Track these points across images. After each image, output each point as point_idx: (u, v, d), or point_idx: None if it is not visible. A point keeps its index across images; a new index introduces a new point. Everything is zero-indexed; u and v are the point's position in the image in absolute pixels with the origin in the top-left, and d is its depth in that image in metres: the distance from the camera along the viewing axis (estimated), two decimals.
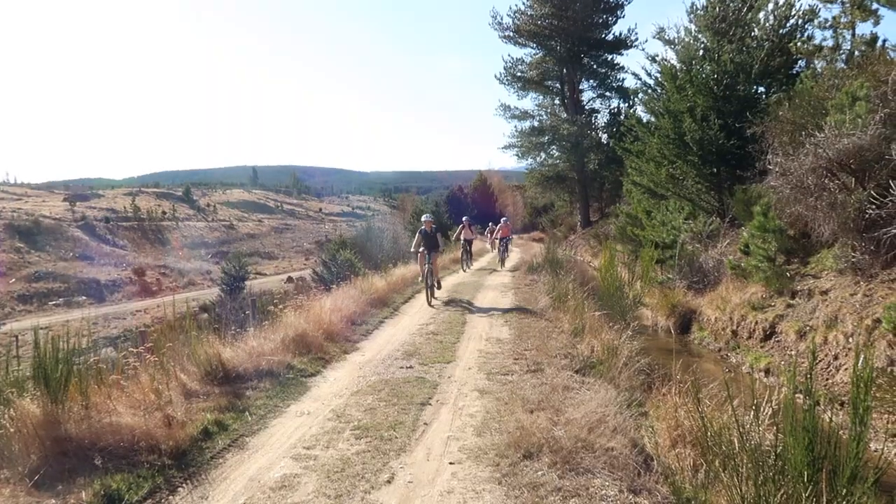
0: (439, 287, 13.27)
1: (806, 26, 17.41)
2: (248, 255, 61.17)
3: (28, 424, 4.04)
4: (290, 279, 48.12)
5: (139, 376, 5.40)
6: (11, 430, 3.98)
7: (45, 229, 61.59)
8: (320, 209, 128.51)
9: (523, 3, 38.92)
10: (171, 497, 3.86)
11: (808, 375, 3.28)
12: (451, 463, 4.26)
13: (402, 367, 7.06)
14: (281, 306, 9.02)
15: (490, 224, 30.94)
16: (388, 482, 3.97)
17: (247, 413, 5.39)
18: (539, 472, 3.99)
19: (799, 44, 15.85)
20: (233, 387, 6.05)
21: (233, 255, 43.73)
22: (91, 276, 50.96)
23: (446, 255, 21.46)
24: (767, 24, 18.24)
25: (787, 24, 17.84)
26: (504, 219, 23.17)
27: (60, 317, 34.92)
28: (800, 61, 17.44)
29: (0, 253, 52.14)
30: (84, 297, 44.88)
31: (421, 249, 12.65)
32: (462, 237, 20.85)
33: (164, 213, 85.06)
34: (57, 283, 47.31)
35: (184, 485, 4.03)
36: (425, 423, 5.10)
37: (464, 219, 21.44)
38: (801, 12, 17.51)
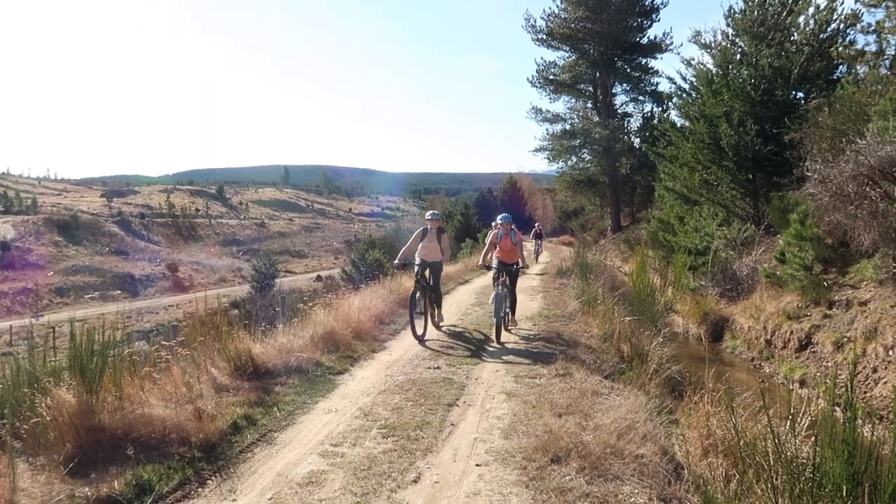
0: None
1: (848, 31, 17.00)
2: (279, 253, 61.98)
3: (64, 413, 4.13)
4: (319, 278, 48.59)
5: (171, 369, 5.48)
6: (48, 418, 4.06)
7: (82, 224, 63.14)
8: (350, 209, 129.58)
9: (557, 6, 38.75)
10: (200, 489, 3.90)
11: (849, 387, 3.18)
12: (477, 465, 4.23)
13: (429, 368, 7.06)
14: (310, 304, 9.09)
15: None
16: (415, 482, 3.96)
17: (275, 408, 5.43)
18: (567, 477, 3.95)
19: (840, 48, 15.49)
20: (262, 382, 6.10)
21: (263, 252, 44.33)
22: (126, 270, 52.09)
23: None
24: (808, 29, 17.85)
25: (829, 29, 17.43)
26: (502, 217, 9.83)
27: (96, 310, 35.74)
28: (841, 66, 17.08)
29: (40, 246, 53.57)
30: (119, 291, 45.88)
31: None
32: (418, 256, 9.53)
33: (197, 210, 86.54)
34: (93, 277, 48.44)
35: (213, 477, 4.07)
36: (452, 424, 5.08)
37: (428, 215, 9.88)
38: (843, 16, 17.09)
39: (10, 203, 75.04)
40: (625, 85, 41.02)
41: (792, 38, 18.29)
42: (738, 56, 18.30)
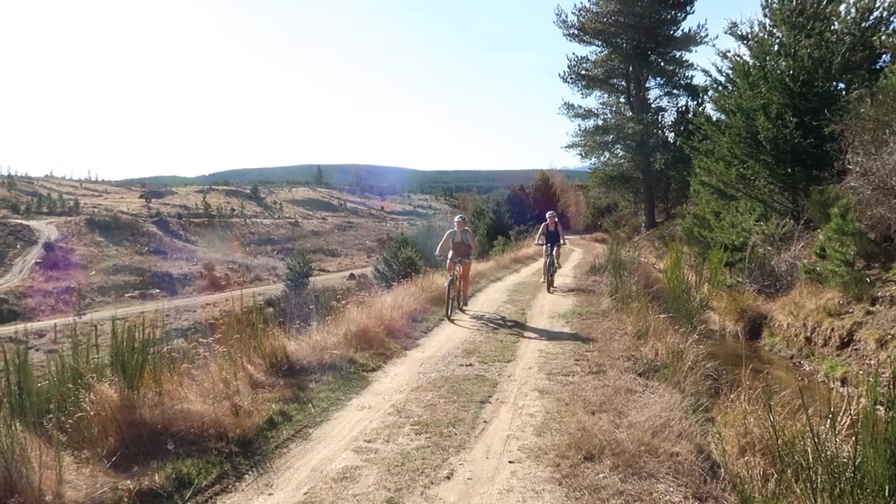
0: None
1: (891, 18, 16.48)
2: (312, 251, 62.62)
3: (106, 408, 4.25)
4: (352, 276, 49.01)
5: (208, 366, 5.60)
6: (92, 413, 4.19)
7: (122, 224, 64.77)
8: (382, 207, 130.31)
9: (589, 1, 38.34)
10: (237, 483, 3.98)
11: (892, 385, 3.10)
12: (510, 461, 4.23)
13: (461, 365, 7.07)
14: (343, 302, 9.17)
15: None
16: (448, 478, 3.98)
17: (310, 405, 5.50)
18: (600, 475, 3.92)
19: (884, 37, 15.02)
20: (297, 379, 6.19)
21: (297, 251, 44.82)
22: (164, 269, 53.20)
23: None
24: (849, 17, 17.34)
25: (871, 17, 16.91)
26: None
27: (136, 308, 36.59)
28: (884, 56, 16.56)
29: (82, 246, 55.08)
30: (158, 290, 46.88)
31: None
32: None
33: (232, 210, 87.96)
34: (133, 276, 49.60)
35: (250, 472, 4.15)
36: (485, 421, 5.09)
37: None
38: (886, 4, 16.55)
39: (53, 205, 77.35)
40: (658, 79, 40.38)
41: (832, 27, 17.79)
42: (776, 47, 17.87)
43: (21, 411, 4.13)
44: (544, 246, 14.31)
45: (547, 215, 14.42)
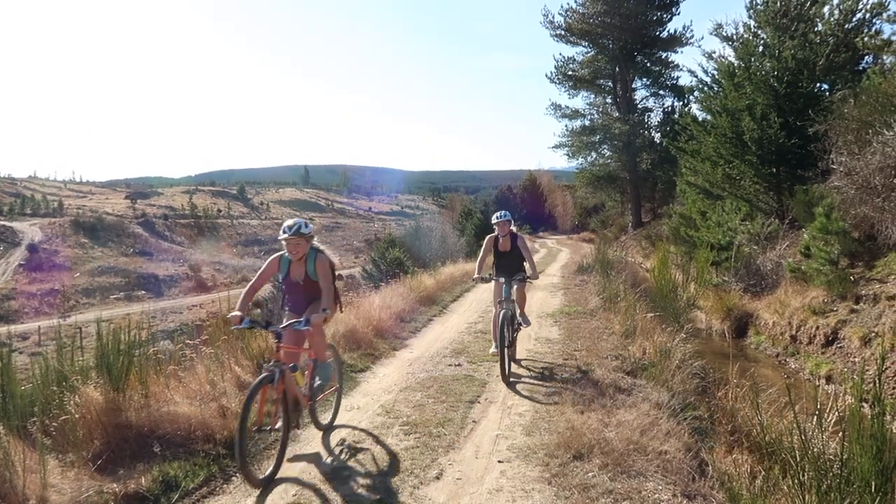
0: None
1: (874, 20, 16.67)
2: None
3: (92, 411, 4.20)
4: (340, 276, 48.79)
5: (195, 368, 5.55)
6: (77, 415, 4.14)
7: (107, 226, 64.15)
8: (370, 208, 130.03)
9: (575, 2, 38.46)
10: (225, 486, 3.95)
11: (877, 383, 3.13)
12: (499, 461, 4.23)
13: (450, 365, 7.07)
14: None
15: None
16: (437, 478, 3.97)
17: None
18: (590, 474, 3.93)
19: (866, 38, 15.18)
20: None
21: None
22: (150, 271, 52.72)
23: None
24: (832, 19, 17.52)
25: (854, 19, 17.11)
26: None
27: (121, 310, 36.22)
28: (867, 56, 16.76)
29: (66, 248, 54.51)
30: (143, 292, 46.41)
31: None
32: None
33: (219, 210, 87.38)
34: (118, 278, 49.09)
35: (237, 474, 4.11)
36: (474, 421, 5.09)
37: None
38: (868, 6, 16.74)
39: (37, 206, 76.55)
40: (645, 79, 40.63)
41: (816, 28, 17.96)
42: (761, 48, 18.03)
43: (4, 415, 4.08)
44: (494, 282, 7.32)
45: (495, 219, 7.44)
